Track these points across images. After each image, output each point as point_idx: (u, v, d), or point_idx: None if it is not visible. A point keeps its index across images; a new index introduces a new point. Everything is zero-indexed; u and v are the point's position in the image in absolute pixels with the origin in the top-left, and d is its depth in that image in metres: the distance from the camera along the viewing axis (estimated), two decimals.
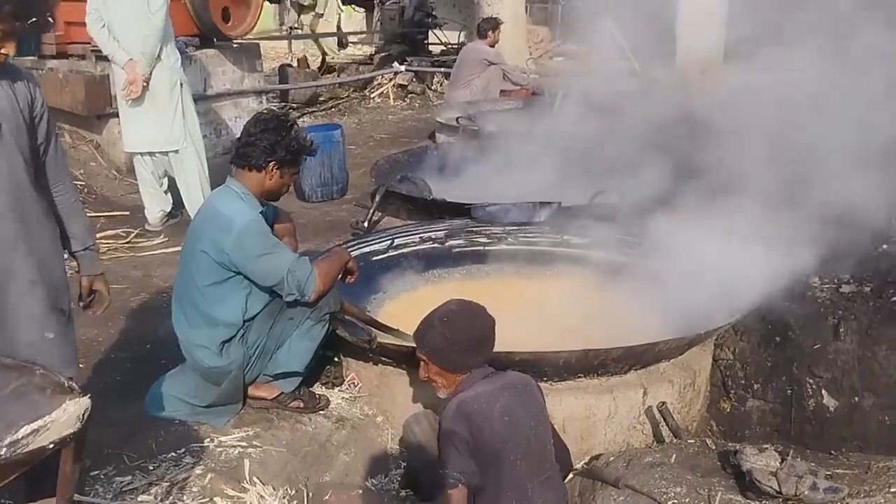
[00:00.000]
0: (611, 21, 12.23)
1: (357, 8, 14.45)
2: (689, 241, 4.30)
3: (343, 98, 10.61)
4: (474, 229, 5.04)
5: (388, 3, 11.65)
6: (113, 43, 5.24)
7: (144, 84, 5.30)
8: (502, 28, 9.23)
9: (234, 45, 7.81)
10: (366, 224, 5.52)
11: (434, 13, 11.87)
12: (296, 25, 13.73)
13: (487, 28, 8.99)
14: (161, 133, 5.43)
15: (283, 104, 10.10)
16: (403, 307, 4.45)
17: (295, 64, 12.31)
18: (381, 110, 10.23)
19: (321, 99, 10.51)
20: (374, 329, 3.47)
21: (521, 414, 2.65)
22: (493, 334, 2.85)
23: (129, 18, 5.19)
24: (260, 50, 8.37)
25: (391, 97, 10.56)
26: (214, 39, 7.60)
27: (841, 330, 4.01)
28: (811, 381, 3.96)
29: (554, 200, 5.00)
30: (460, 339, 2.78)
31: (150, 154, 5.54)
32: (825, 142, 4.58)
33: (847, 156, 4.80)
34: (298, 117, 9.69)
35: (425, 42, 12.02)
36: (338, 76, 11.25)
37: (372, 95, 10.67)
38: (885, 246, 4.44)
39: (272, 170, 3.21)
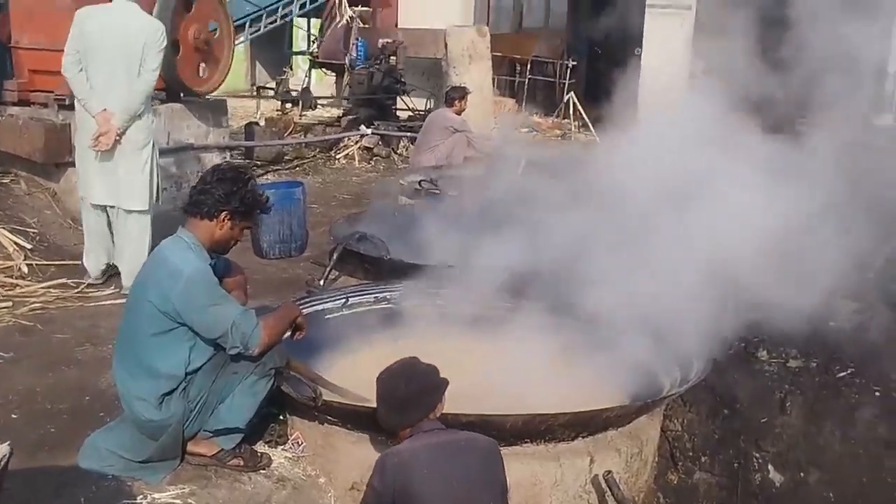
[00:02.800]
0: (573, 94, 12.61)
1: (328, 72, 14.64)
2: (637, 308, 4.35)
3: (308, 158, 10.63)
4: (431, 290, 5.03)
5: (357, 68, 11.81)
6: (89, 89, 5.09)
7: (117, 138, 5.17)
8: (469, 97, 9.40)
9: (201, 101, 7.83)
10: (321, 282, 5.48)
11: (403, 80, 12.06)
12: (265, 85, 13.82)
13: (455, 96, 9.14)
14: (123, 189, 5.27)
15: (248, 161, 10.12)
16: (353, 367, 4.39)
17: (262, 123, 12.40)
18: (345, 171, 10.28)
19: (287, 158, 10.53)
20: (319, 387, 3.42)
21: (447, 472, 2.66)
22: (427, 396, 2.86)
23: (119, 70, 5.07)
24: (227, 106, 8.40)
25: (356, 159, 10.62)
26: (181, 94, 7.61)
27: (787, 404, 4.04)
28: (757, 455, 3.97)
29: (510, 264, 5.01)
30: (387, 398, 2.84)
31: (106, 207, 5.42)
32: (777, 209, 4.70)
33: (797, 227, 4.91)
34: (262, 174, 9.71)
35: (393, 107, 12.17)
36: (304, 136, 11.30)
37: (338, 156, 10.72)
38: (832, 323, 4.51)
39: (224, 220, 3.20)
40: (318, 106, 13.76)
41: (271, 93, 13.27)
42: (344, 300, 4.81)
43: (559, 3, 20.42)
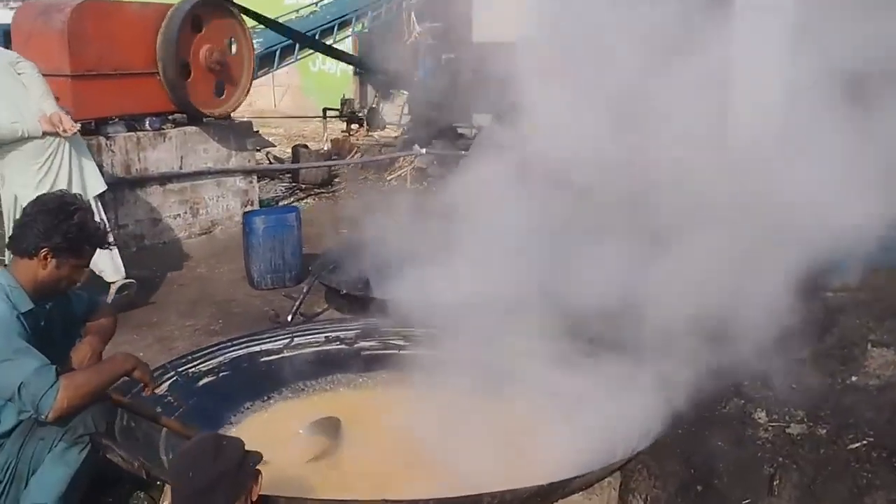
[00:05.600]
0: None
1: (402, 91, 14.29)
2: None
3: (359, 180, 10.28)
4: (393, 329, 4.47)
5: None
6: (14, 126, 4.73)
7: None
8: None
9: (222, 123, 7.57)
10: (289, 317, 5.00)
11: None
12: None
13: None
14: None
15: (294, 184, 9.86)
16: (270, 418, 3.88)
17: (328, 145, 12.16)
18: (393, 194, 9.83)
19: (337, 180, 10.21)
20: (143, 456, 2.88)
21: None
22: (227, 482, 2.29)
23: (16, 95, 4.76)
24: (252, 128, 8.11)
25: (408, 181, 10.16)
26: (203, 117, 7.38)
27: (776, 482, 3.21)
28: None
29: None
30: (179, 489, 2.28)
31: None
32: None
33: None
34: (304, 198, 9.41)
35: (455, 126, 11.63)
36: (361, 157, 10.96)
37: (389, 178, 10.30)
38: (853, 378, 3.64)
39: (45, 258, 2.76)
40: (387, 126, 13.47)
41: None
42: (288, 339, 4.30)
43: None
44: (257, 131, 10.18)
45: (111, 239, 2.97)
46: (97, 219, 2.95)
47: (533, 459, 3.33)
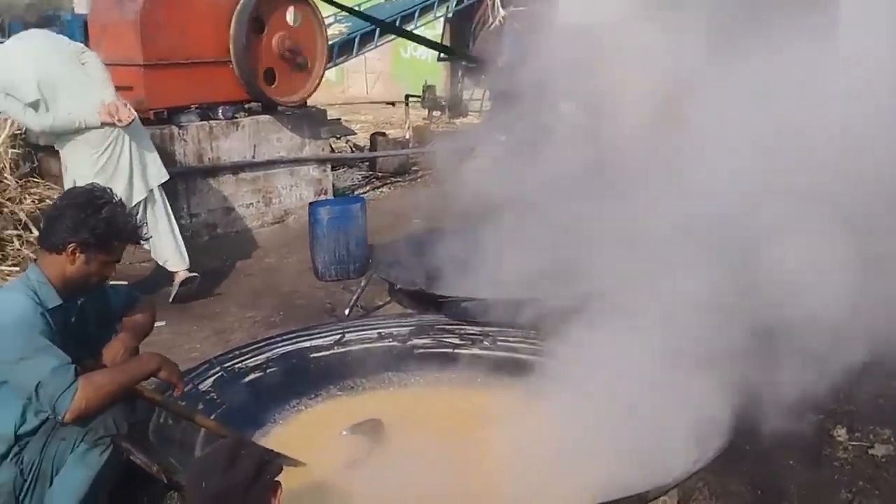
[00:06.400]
0: None
1: (487, 77, 14.08)
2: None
3: (437, 168, 10.14)
4: (447, 327, 4.30)
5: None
6: (71, 116, 4.83)
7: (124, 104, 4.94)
8: None
9: (296, 112, 7.52)
10: (346, 311, 4.90)
11: None
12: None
13: None
14: None
15: (371, 173, 9.80)
16: (325, 419, 3.76)
17: (410, 133, 12.05)
18: (469, 183, 9.62)
19: (414, 168, 10.10)
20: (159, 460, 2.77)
21: None
22: (243, 494, 2.15)
23: (77, 85, 4.85)
24: (327, 116, 8.05)
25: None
26: (276, 105, 7.35)
27: None
28: None
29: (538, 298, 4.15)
30: (195, 497, 2.15)
31: None
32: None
33: None
34: (379, 186, 9.33)
35: (538, 113, 11.35)
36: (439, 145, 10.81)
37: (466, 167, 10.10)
38: None
39: (73, 253, 2.70)
40: (470, 113, 13.30)
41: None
42: (339, 335, 4.18)
43: None
44: (339, 119, 10.18)
45: (145, 233, 2.90)
46: (133, 213, 2.89)
47: (584, 474, 3.11)
